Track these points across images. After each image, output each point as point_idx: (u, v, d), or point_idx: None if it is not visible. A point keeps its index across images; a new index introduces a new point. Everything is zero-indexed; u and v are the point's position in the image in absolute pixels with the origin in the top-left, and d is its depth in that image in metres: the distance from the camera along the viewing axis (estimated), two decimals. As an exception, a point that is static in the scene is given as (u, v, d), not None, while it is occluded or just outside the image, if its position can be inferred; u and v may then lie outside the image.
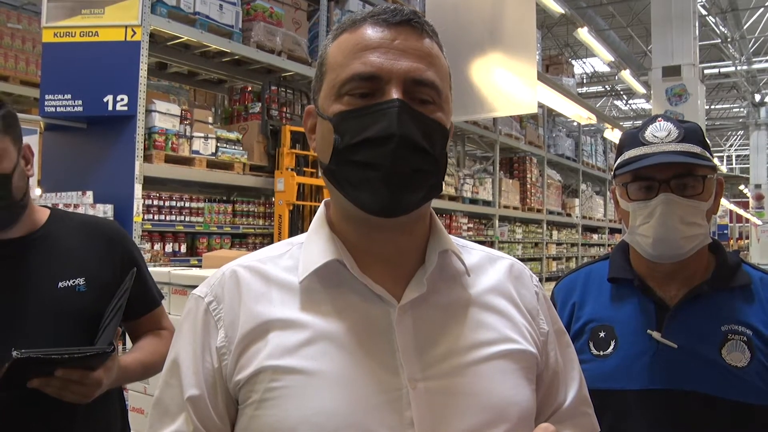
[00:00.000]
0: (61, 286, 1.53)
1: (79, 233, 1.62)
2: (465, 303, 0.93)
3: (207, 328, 0.89)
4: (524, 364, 0.92)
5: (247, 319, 0.87)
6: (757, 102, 19.76)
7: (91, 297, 1.56)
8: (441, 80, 0.88)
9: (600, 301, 1.47)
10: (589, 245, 14.98)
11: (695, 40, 9.12)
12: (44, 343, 1.37)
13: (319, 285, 0.89)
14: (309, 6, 7.03)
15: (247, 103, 6.55)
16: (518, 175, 11.55)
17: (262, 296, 0.89)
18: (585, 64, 17.81)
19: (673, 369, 1.33)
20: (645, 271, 1.44)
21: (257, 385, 0.84)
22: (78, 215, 1.72)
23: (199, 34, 5.68)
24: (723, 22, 14.33)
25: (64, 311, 1.52)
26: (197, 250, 5.87)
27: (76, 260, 1.58)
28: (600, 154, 15.17)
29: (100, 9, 5.15)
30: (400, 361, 0.85)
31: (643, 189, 1.36)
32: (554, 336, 1.01)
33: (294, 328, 0.86)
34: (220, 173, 5.85)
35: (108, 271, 1.61)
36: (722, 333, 1.33)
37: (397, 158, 0.82)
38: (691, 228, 1.33)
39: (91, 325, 1.52)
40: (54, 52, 5.20)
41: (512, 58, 2.50)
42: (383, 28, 0.87)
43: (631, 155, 1.38)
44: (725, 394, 1.28)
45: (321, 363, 0.84)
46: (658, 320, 1.38)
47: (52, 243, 1.57)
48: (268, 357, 0.84)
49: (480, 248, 1.03)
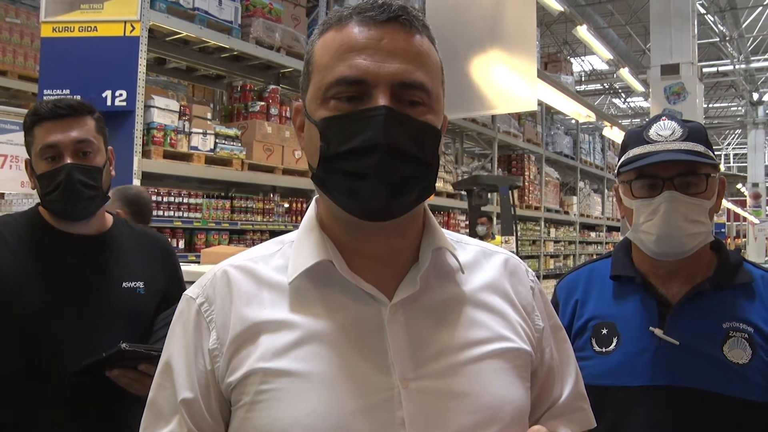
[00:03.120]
0: (125, 286, 1.68)
1: (139, 241, 1.79)
2: (458, 301, 0.91)
3: (199, 330, 0.89)
4: (518, 362, 0.91)
5: (237, 321, 0.87)
6: (755, 101, 19.79)
7: (148, 300, 1.72)
8: (431, 79, 0.85)
9: (602, 298, 1.48)
10: (587, 243, 15.00)
11: (694, 38, 9.12)
12: (108, 338, 1.54)
13: (310, 285, 0.88)
14: (308, 2, 7.02)
15: (248, 102, 6.54)
16: (516, 172, 11.56)
17: (253, 297, 0.88)
18: (584, 62, 17.81)
19: (674, 366, 1.34)
20: (647, 268, 1.44)
21: (248, 387, 0.83)
22: (136, 225, 1.92)
23: (198, 30, 5.67)
24: (722, 21, 14.34)
25: (126, 310, 1.67)
26: (195, 246, 5.86)
27: (137, 265, 1.73)
28: (598, 152, 15.19)
29: (98, 4, 5.14)
30: (391, 361, 0.84)
31: (647, 187, 1.37)
32: (550, 332, 1.00)
33: (284, 329, 0.85)
34: (219, 169, 5.85)
35: (161, 279, 1.78)
36: (724, 330, 1.34)
37: (385, 168, 0.80)
38: (695, 226, 1.34)
39: (146, 326, 1.69)
40: (52, 47, 5.19)
41: (512, 56, 2.50)
42: (370, 27, 0.83)
43: (636, 153, 1.39)
44: (726, 390, 1.29)
45: (311, 364, 0.83)
46: (660, 317, 1.38)
47: (118, 245, 1.73)
48: (259, 359, 0.84)
49: (475, 243, 1.01)
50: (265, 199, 6.53)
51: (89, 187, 1.61)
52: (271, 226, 6.53)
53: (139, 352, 1.47)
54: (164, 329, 1.62)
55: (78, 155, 1.61)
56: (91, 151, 1.63)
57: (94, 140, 1.64)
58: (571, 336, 1.42)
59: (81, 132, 1.62)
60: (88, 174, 1.61)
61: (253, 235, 6.43)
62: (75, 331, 1.58)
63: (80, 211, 1.63)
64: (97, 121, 1.68)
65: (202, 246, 5.73)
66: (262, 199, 6.50)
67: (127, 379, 1.51)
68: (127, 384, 1.52)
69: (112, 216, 1.80)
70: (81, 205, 1.62)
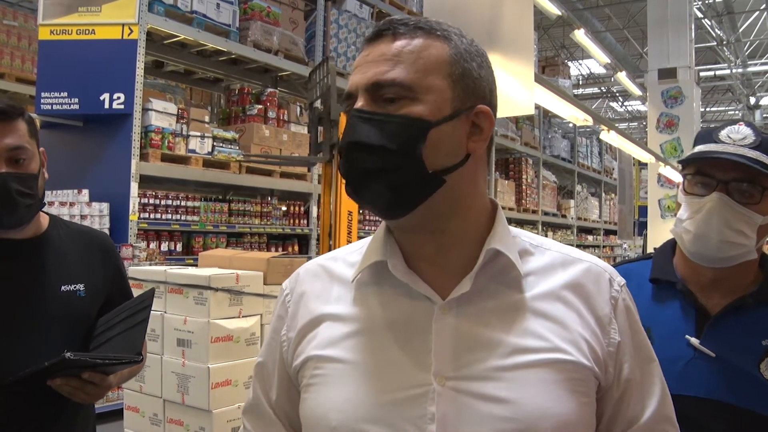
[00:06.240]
0: (63, 290, 1.62)
1: (78, 241, 1.72)
2: (515, 307, 0.90)
3: (281, 317, 1.02)
4: (570, 375, 0.87)
5: (306, 313, 0.98)
6: (752, 105, 19.82)
7: (89, 303, 1.66)
8: (413, 72, 0.87)
9: (639, 301, 1.39)
10: (584, 246, 15.01)
11: (691, 42, 9.15)
12: (48, 344, 1.50)
13: (371, 282, 0.95)
14: (306, 6, 7.03)
15: (246, 105, 6.54)
16: (514, 176, 11.57)
17: (323, 292, 0.99)
18: (581, 66, 17.84)
19: (708, 378, 1.29)
20: (689, 275, 1.39)
21: (306, 371, 0.94)
22: (73, 224, 1.82)
23: (196, 33, 5.67)
24: (719, 25, 14.38)
25: (66, 314, 1.60)
26: (193, 249, 5.86)
27: (77, 266, 1.67)
28: (595, 155, 15.21)
29: (96, 7, 5.14)
30: (432, 358, 0.86)
31: (700, 185, 1.33)
32: (631, 347, 0.94)
33: (341, 321, 0.94)
34: (217, 172, 5.85)
35: (101, 279, 1.71)
36: (763, 347, 1.29)
37: (349, 163, 0.88)
38: (736, 235, 1.29)
39: (86, 330, 1.64)
40: (50, 49, 5.19)
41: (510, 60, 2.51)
42: (364, 47, 0.92)
43: (700, 150, 1.35)
44: (758, 408, 1.25)
45: (356, 354, 0.90)
46: (697, 327, 1.34)
47: (56, 247, 1.66)
48: (315, 347, 0.94)
49: (558, 249, 0.98)
50: (262, 202, 6.53)
51: (26, 195, 1.54)
52: (268, 229, 6.53)
53: (84, 360, 1.41)
54: (105, 334, 1.57)
55: (12, 163, 1.53)
56: (25, 158, 1.55)
57: (28, 146, 1.55)
58: None
59: (14, 138, 1.53)
60: (24, 182, 1.53)
61: (251, 238, 6.43)
62: (9, 340, 1.51)
63: (16, 221, 1.56)
64: (29, 124, 1.59)
65: (200, 249, 5.73)
66: (259, 202, 6.50)
67: (69, 387, 1.45)
68: (69, 393, 1.46)
69: (48, 216, 1.72)
70: (18, 215, 1.54)
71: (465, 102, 0.89)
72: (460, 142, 0.89)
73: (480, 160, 0.93)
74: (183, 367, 2.68)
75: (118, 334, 1.56)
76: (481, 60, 0.93)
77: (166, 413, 2.77)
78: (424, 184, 0.87)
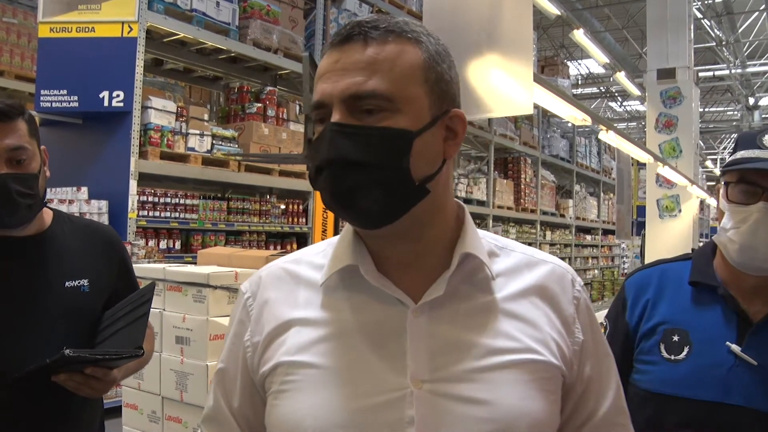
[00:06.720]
0: (67, 286, 1.62)
1: (82, 236, 1.71)
2: (486, 309, 0.91)
3: (242, 322, 0.99)
4: (541, 375, 0.89)
5: (272, 318, 0.94)
6: (751, 105, 19.83)
7: (93, 298, 1.65)
8: (391, 82, 0.85)
9: (677, 303, 1.39)
10: (582, 246, 15.03)
11: (690, 43, 9.15)
12: (53, 340, 1.50)
13: (341, 286, 0.93)
14: (305, 4, 7.04)
15: (245, 103, 6.55)
16: (512, 175, 11.59)
17: (289, 295, 0.96)
18: (580, 66, 17.85)
19: (749, 386, 1.26)
20: (730, 279, 1.35)
21: (276, 377, 0.91)
22: (78, 218, 1.81)
23: (195, 31, 5.68)
24: (718, 26, 14.38)
25: (71, 310, 1.60)
26: (192, 247, 5.87)
27: (81, 262, 1.66)
28: (594, 155, 15.23)
29: (96, 5, 5.14)
30: (408, 362, 0.86)
31: (744, 193, 1.29)
32: (592, 345, 0.97)
33: (310, 326, 0.91)
34: (215, 170, 5.85)
35: (107, 274, 1.70)
36: None
37: (332, 180, 0.85)
38: None
39: (92, 325, 1.63)
40: (50, 47, 5.19)
41: (509, 60, 2.51)
42: (332, 52, 0.87)
43: (742, 155, 1.31)
44: None
45: (330, 360, 0.88)
46: (739, 334, 1.30)
47: (59, 243, 1.66)
48: (285, 353, 0.91)
49: (522, 250, 1.00)
50: (261, 200, 6.54)
51: (26, 195, 1.54)
52: (267, 227, 6.54)
53: (84, 357, 1.43)
54: (109, 329, 1.58)
55: (12, 164, 1.53)
56: (26, 158, 1.55)
57: (28, 146, 1.55)
58: (636, 337, 1.39)
59: (14, 139, 1.53)
60: (25, 183, 1.54)
61: (249, 236, 6.44)
62: (14, 338, 1.52)
63: (17, 221, 1.56)
64: (29, 123, 1.59)
65: (199, 247, 5.74)
66: (258, 200, 6.51)
67: (74, 383, 1.46)
68: (74, 388, 1.47)
69: (52, 212, 1.72)
70: (19, 215, 1.54)
71: (441, 107, 0.89)
72: (438, 149, 0.89)
73: (451, 162, 0.93)
74: (181, 364, 2.68)
75: (121, 328, 1.57)
76: (450, 60, 0.92)
77: (165, 410, 2.78)
78: (411, 195, 0.86)
